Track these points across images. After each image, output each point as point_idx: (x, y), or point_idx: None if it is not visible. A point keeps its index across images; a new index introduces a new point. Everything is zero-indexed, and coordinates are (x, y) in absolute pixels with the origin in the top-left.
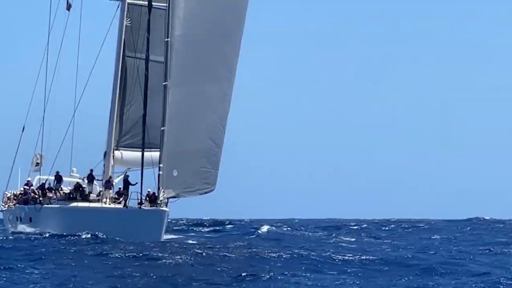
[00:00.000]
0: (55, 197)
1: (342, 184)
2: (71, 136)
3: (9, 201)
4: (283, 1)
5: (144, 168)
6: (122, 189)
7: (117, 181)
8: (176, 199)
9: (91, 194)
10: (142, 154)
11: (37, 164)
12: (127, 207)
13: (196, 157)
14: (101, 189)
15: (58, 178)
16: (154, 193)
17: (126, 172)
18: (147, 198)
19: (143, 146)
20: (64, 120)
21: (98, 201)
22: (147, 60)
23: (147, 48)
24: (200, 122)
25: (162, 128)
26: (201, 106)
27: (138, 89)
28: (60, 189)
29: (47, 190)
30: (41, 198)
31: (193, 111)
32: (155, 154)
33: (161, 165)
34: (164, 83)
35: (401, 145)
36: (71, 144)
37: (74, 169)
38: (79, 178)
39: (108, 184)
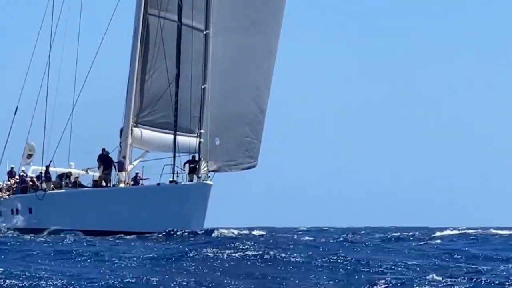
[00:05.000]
0: (59, 185)
1: None
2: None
3: (1, 192)
4: None
5: (164, 153)
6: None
7: (136, 164)
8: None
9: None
10: (175, 126)
11: (29, 155)
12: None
13: (239, 123)
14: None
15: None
16: (193, 156)
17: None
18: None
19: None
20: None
21: None
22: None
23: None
24: (244, 81)
25: (203, 86)
26: (244, 60)
27: (161, 55)
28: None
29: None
30: (43, 184)
31: (236, 66)
32: (183, 139)
33: (202, 131)
34: (205, 32)
35: None
36: (69, 130)
37: (72, 163)
38: (82, 170)
39: (121, 166)
